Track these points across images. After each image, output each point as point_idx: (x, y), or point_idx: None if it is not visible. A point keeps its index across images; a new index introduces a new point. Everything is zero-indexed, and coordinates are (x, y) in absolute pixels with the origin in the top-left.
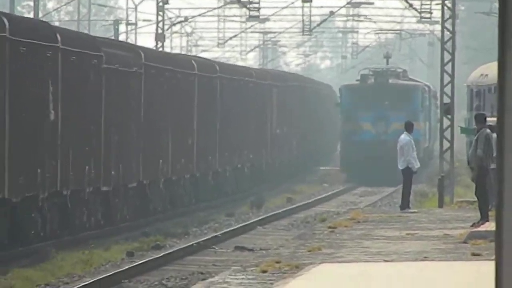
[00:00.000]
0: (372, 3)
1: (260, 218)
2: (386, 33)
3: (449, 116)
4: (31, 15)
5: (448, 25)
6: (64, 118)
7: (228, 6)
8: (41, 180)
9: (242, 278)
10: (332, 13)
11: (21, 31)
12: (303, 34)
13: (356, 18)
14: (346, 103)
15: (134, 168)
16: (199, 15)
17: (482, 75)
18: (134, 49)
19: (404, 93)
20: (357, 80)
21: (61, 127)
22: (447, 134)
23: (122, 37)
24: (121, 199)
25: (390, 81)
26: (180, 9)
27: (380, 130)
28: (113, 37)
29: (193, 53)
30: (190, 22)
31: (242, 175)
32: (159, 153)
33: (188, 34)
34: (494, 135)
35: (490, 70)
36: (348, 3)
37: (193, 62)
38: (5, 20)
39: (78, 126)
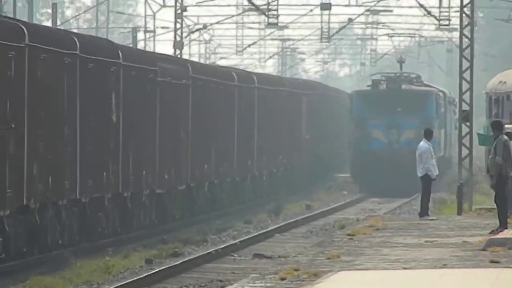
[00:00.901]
0: (391, 11)
1: (279, 225)
2: (400, 36)
3: (468, 123)
4: (49, 23)
5: (466, 32)
6: (124, 127)
7: (246, 13)
8: (106, 182)
9: (261, 286)
10: (350, 20)
11: (89, 49)
12: (321, 41)
13: (374, 25)
14: (356, 109)
15: (183, 172)
16: (218, 22)
17: (500, 82)
18: (183, 63)
19: (418, 100)
20: (368, 86)
21: (122, 135)
22: (466, 141)
23: (140, 45)
24: (173, 200)
25: (403, 86)
26: (198, 16)
27: (392, 138)
28: (131, 45)
29: (212, 61)
30: (208, 29)
31: (276, 178)
32: (204, 158)
33: (206, 42)
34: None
35: (508, 77)
36: (366, 10)
37: (233, 74)
38: (76, 40)
39: (136, 134)
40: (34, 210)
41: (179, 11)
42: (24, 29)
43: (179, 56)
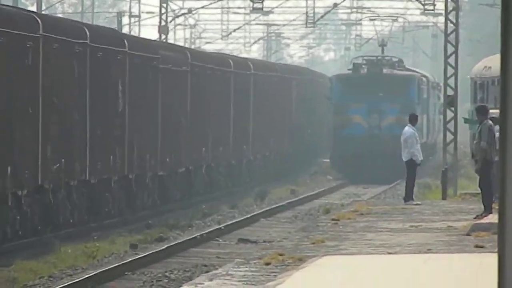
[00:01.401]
0: None
1: (264, 210)
2: (382, 19)
3: (453, 108)
4: (34, 8)
5: (451, 17)
6: (130, 112)
7: None
8: (113, 165)
9: (246, 271)
10: (335, 5)
11: (98, 39)
12: (306, 26)
13: (359, 10)
14: (336, 94)
15: (182, 156)
16: (203, 7)
17: (485, 67)
18: (182, 50)
19: (399, 84)
20: (348, 70)
21: (128, 121)
22: (451, 126)
23: (125, 30)
24: (174, 182)
25: (385, 71)
26: (183, 1)
27: (372, 124)
28: (116, 29)
29: (197, 45)
30: (193, 14)
31: (270, 162)
32: (202, 142)
33: (191, 26)
34: (497, 127)
35: (493, 63)
36: None
37: (230, 60)
38: (86, 30)
39: (140, 119)
40: (48, 190)
41: None
42: (39, 20)
43: (164, 40)
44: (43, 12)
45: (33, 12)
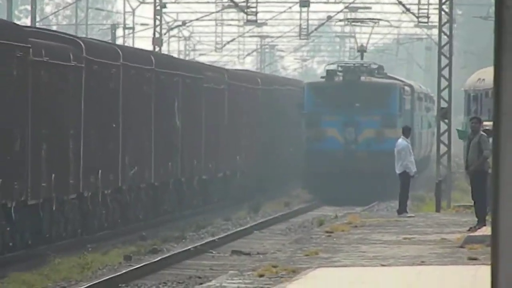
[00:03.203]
0: (370, 8)
1: (257, 222)
2: (361, 25)
3: (446, 121)
4: (28, 20)
5: (445, 29)
6: (182, 126)
7: (225, 10)
8: (172, 170)
9: (239, 282)
10: (329, 17)
11: (162, 65)
12: (300, 38)
13: (353, 22)
14: (309, 104)
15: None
16: (197, 19)
17: (479, 79)
18: (221, 70)
19: (379, 93)
20: (322, 77)
21: (181, 133)
22: (444, 138)
23: (119, 42)
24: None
25: (362, 78)
26: (177, 13)
27: (348, 138)
28: (110, 41)
29: (191, 57)
30: (187, 26)
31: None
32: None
33: (186, 38)
34: (490, 139)
35: (487, 75)
36: (346, 7)
37: (258, 79)
38: (153, 58)
39: (191, 132)
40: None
41: (158, 7)
42: (119, 51)
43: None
44: (37, 25)
45: (114, 44)
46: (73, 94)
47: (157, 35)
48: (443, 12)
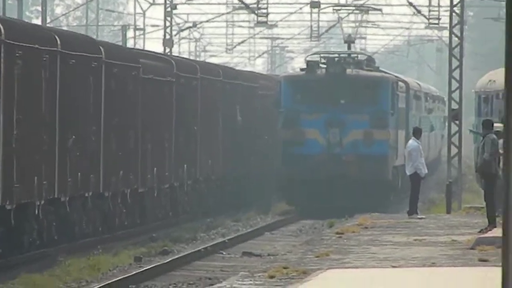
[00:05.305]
0: (380, 10)
1: (268, 223)
2: (348, 14)
3: (457, 122)
4: (39, 20)
5: (456, 31)
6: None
7: (236, 12)
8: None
9: (250, 284)
10: (340, 19)
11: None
12: (311, 40)
13: (364, 24)
14: (286, 101)
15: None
16: (207, 20)
17: (490, 81)
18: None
19: (367, 89)
20: (302, 70)
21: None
22: (455, 140)
23: (130, 43)
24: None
25: (348, 71)
26: (188, 14)
27: (332, 140)
28: (120, 43)
29: (201, 59)
30: (198, 27)
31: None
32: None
33: (196, 40)
34: (501, 141)
35: (498, 76)
36: (356, 8)
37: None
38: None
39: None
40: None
41: (168, 9)
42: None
43: (168, 53)
44: (47, 25)
45: (194, 60)
46: (168, 103)
47: (167, 36)
48: (454, 14)
